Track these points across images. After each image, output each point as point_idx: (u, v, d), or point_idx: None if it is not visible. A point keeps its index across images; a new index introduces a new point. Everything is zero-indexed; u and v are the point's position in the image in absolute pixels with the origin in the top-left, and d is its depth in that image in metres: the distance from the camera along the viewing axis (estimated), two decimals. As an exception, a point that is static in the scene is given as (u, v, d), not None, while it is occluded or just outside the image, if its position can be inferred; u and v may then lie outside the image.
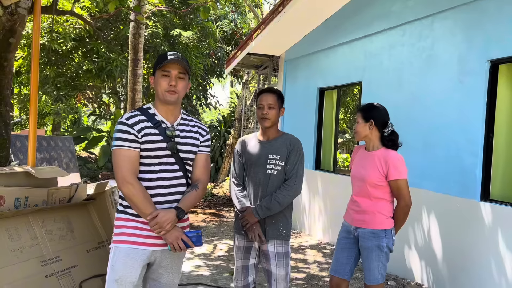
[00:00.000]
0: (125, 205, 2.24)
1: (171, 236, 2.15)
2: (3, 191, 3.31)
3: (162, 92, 2.22)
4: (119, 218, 2.26)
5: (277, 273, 2.79)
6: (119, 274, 2.17)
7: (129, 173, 2.13)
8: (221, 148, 14.03)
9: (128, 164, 2.14)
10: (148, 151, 2.19)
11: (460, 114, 4.14)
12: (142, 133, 2.17)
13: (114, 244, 2.23)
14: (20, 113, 15.47)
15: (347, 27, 5.88)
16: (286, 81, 7.57)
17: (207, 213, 8.55)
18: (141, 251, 2.20)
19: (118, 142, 2.15)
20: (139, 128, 2.17)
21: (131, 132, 2.15)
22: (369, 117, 2.88)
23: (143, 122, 2.20)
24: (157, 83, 2.24)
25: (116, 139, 2.16)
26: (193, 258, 5.31)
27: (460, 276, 4.01)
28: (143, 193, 2.14)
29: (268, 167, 2.80)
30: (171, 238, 2.15)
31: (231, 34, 15.36)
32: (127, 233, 2.21)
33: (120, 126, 2.17)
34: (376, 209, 2.83)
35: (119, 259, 2.17)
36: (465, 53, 4.13)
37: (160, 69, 2.22)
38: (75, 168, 10.17)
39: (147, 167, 2.21)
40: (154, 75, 2.29)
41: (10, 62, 4.00)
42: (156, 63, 2.26)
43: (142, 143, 2.17)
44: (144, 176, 2.21)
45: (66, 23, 10.49)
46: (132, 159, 2.15)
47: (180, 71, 2.24)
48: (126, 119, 2.19)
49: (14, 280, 3.13)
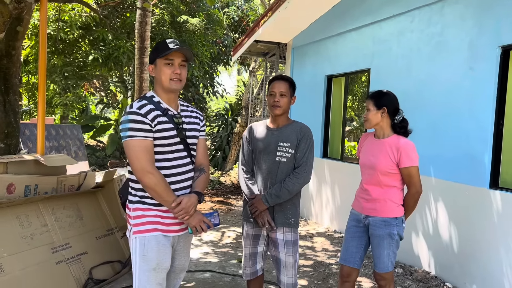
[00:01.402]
0: (141, 196, 2.24)
1: (194, 220, 2.21)
2: (13, 179, 3.35)
3: (167, 80, 2.22)
4: (137, 208, 2.24)
5: (285, 260, 2.81)
6: (155, 262, 2.18)
7: (149, 163, 2.13)
8: (228, 136, 14.04)
9: (146, 154, 2.12)
10: (162, 139, 2.20)
11: (470, 101, 4.09)
12: (155, 122, 2.17)
13: (138, 235, 2.20)
14: (29, 102, 15.55)
15: (355, 13, 5.81)
16: (293, 69, 7.52)
17: (215, 201, 8.59)
18: (168, 237, 2.25)
19: (132, 133, 2.11)
20: (152, 117, 2.16)
21: (145, 121, 2.13)
22: (382, 105, 2.84)
23: (154, 111, 2.19)
24: (160, 71, 2.23)
25: (129, 130, 2.11)
26: (201, 245, 5.35)
27: (468, 264, 4.01)
28: (164, 181, 2.15)
29: (278, 155, 2.79)
30: (194, 222, 2.21)
31: (237, 21, 15.26)
32: (150, 221, 2.21)
33: (133, 116, 2.13)
34: (387, 197, 2.82)
35: (151, 247, 2.18)
36: (476, 39, 4.06)
37: (163, 58, 2.22)
38: (84, 156, 10.24)
39: (162, 155, 2.22)
40: (153, 64, 2.27)
41: (18, 50, 4.01)
42: (156, 52, 2.24)
43: (156, 131, 2.17)
44: (160, 164, 2.21)
45: (72, 11, 10.47)
46: (149, 149, 2.14)
47: (183, 59, 2.25)
48: (138, 109, 2.15)
49: (25, 266, 3.18)
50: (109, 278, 3.74)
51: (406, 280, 4.30)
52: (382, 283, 2.87)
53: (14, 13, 3.27)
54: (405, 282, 4.25)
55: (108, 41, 10.78)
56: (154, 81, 2.30)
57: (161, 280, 2.22)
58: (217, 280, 4.12)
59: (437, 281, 4.24)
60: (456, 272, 4.13)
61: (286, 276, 2.83)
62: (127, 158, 2.16)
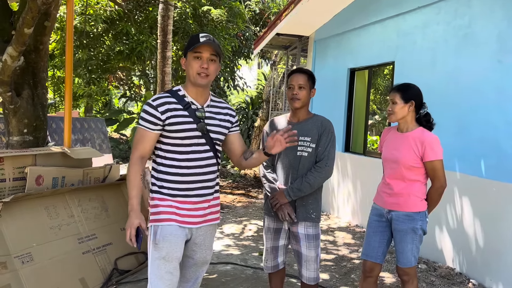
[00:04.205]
0: (159, 186, 2.29)
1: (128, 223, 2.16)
2: (42, 171, 3.44)
3: (194, 74, 2.23)
4: (154, 198, 2.30)
5: (307, 255, 2.81)
6: (165, 251, 2.23)
7: (138, 153, 2.22)
8: (248, 130, 14.06)
9: (141, 144, 2.23)
10: (177, 132, 2.23)
11: (498, 94, 3.99)
12: (167, 114, 2.21)
13: (153, 224, 2.26)
14: (54, 95, 15.89)
15: (379, 6, 5.71)
16: (315, 62, 7.47)
17: (236, 194, 8.64)
18: (181, 228, 2.27)
19: (140, 121, 2.25)
20: (164, 109, 2.21)
21: (153, 113, 2.20)
22: (410, 98, 2.79)
23: (171, 104, 2.23)
24: (189, 65, 2.26)
25: (140, 118, 2.25)
26: (223, 238, 5.40)
27: (494, 261, 3.93)
28: (137, 176, 2.20)
29: (299, 149, 2.78)
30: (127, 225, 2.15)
31: (258, 14, 15.20)
32: (165, 211, 2.26)
33: (145, 107, 2.24)
34: (410, 191, 2.79)
35: (164, 237, 2.22)
36: (505, 31, 3.95)
37: (192, 51, 2.23)
38: (108, 149, 10.43)
39: (178, 148, 2.26)
40: (185, 57, 2.30)
41: (45, 45, 4.09)
42: (188, 45, 2.27)
43: (167, 124, 2.21)
44: (175, 156, 2.26)
45: (97, 5, 10.61)
46: (147, 139, 2.23)
47: (212, 53, 2.24)
48: (153, 100, 2.24)
49: (53, 256, 3.27)
50: (134, 268, 3.82)
51: (430, 276, 4.25)
52: (405, 278, 2.84)
53: (42, 8, 3.33)
54: (429, 278, 4.19)
55: (132, 35, 10.90)
56: (186, 75, 2.33)
57: (171, 269, 2.25)
58: (239, 272, 4.15)
59: (461, 278, 4.18)
60: (481, 269, 4.06)
61: (308, 270, 2.83)
62: None
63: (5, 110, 3.92)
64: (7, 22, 3.94)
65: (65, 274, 3.27)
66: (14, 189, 3.30)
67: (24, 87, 3.95)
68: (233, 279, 3.97)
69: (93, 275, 3.48)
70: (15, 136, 3.94)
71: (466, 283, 4.09)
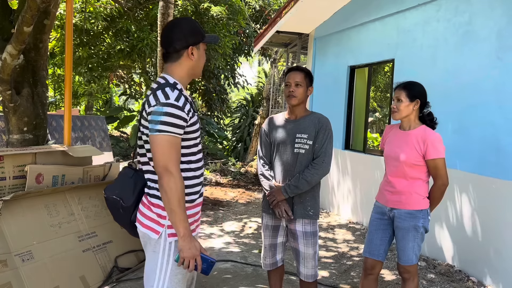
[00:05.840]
0: None
1: (188, 252, 1.89)
2: (41, 169, 3.44)
3: (202, 68, 2.10)
4: None
5: (305, 252, 2.81)
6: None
7: (175, 162, 1.88)
8: (249, 127, 14.07)
9: (175, 153, 1.89)
10: (195, 133, 2.00)
11: (498, 92, 3.98)
12: (190, 115, 1.94)
13: (173, 238, 1.95)
14: (54, 93, 15.90)
15: (379, 3, 5.70)
16: (315, 59, 7.46)
17: (236, 191, 8.65)
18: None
19: (167, 127, 1.84)
20: (188, 109, 1.92)
21: (181, 116, 1.87)
22: (415, 96, 2.78)
23: (188, 102, 1.95)
24: (200, 57, 2.04)
25: (160, 123, 1.83)
26: (223, 235, 5.41)
27: (494, 258, 3.93)
28: (183, 191, 1.88)
29: (296, 146, 2.79)
30: (188, 254, 1.89)
31: (259, 11, 15.17)
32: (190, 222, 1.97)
33: (169, 109, 1.85)
34: (412, 189, 2.79)
35: None
36: (505, 28, 3.94)
37: (206, 44, 2.10)
38: (108, 147, 10.43)
39: (192, 149, 2.01)
40: (194, 46, 2.00)
41: (45, 43, 4.09)
42: (203, 34, 2.04)
43: (189, 125, 1.94)
44: (191, 158, 2.02)
45: (97, 3, 10.60)
46: (178, 147, 1.91)
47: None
48: (176, 100, 1.87)
49: (54, 254, 3.28)
50: (134, 266, 3.83)
51: (429, 273, 4.25)
52: (406, 276, 2.85)
53: (41, 6, 3.33)
54: (428, 275, 4.20)
55: (132, 32, 10.89)
56: (184, 65, 2.02)
57: (187, 281, 2.12)
58: (239, 270, 4.16)
59: (461, 275, 4.19)
60: (481, 266, 4.06)
61: (306, 268, 2.84)
62: (152, 152, 1.88)
63: (5, 108, 3.93)
64: (6, 20, 3.94)
65: (65, 272, 3.28)
66: (14, 187, 3.31)
67: (24, 85, 3.95)
68: (233, 277, 3.98)
69: (93, 273, 3.49)
70: (15, 134, 3.94)
71: (466, 280, 4.09)
